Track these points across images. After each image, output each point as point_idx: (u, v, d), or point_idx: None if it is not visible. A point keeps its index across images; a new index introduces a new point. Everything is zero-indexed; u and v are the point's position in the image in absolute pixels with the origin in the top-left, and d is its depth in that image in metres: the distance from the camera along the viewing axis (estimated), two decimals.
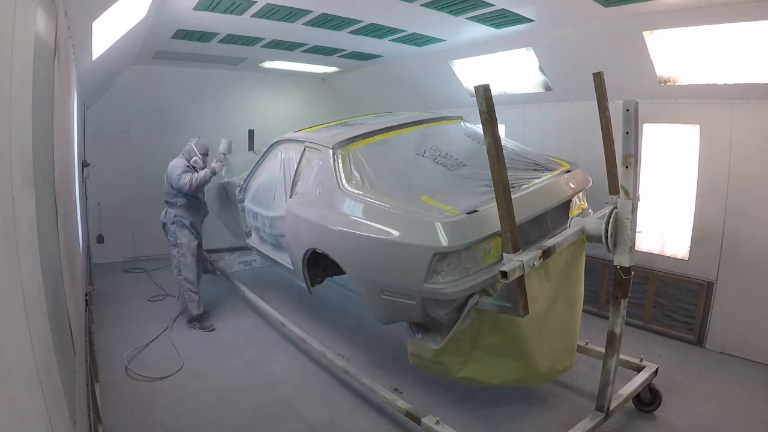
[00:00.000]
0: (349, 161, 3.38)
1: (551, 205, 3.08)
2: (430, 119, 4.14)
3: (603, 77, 2.73)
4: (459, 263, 2.61)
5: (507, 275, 2.19)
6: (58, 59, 2.05)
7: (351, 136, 3.60)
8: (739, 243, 3.90)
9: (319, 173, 3.51)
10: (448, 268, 2.59)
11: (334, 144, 3.49)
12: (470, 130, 4.03)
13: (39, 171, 1.38)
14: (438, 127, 4.04)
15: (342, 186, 3.21)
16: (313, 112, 7.62)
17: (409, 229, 2.68)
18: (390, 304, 2.88)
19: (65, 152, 2.72)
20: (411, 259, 2.64)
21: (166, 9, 3.90)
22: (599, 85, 2.74)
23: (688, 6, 3.42)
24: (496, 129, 2.28)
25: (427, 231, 2.59)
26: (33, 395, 1.04)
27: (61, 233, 1.98)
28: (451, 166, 3.32)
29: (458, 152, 3.52)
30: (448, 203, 2.79)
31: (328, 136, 3.72)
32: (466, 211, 2.69)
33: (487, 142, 2.26)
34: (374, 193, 3.05)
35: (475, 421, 3.07)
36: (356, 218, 3.00)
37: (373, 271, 2.93)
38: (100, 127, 6.17)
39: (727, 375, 3.66)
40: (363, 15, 4.22)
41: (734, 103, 3.82)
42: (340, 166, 3.34)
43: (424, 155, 3.46)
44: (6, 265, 0.92)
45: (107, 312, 4.80)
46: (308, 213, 3.43)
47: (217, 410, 3.19)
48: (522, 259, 2.27)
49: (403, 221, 2.74)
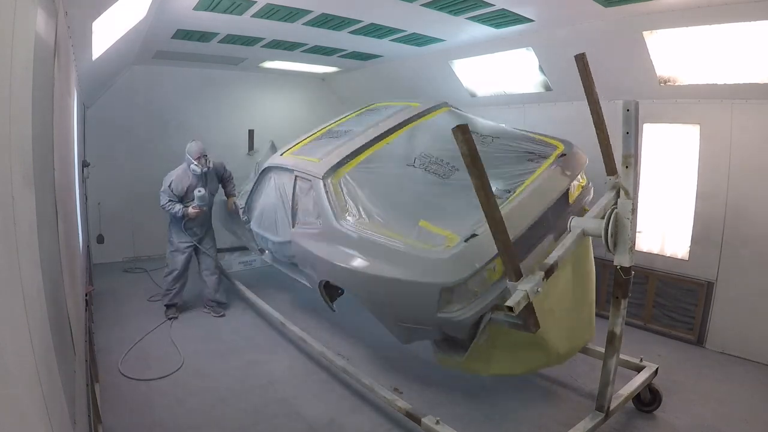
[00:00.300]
0: (342, 189, 3.34)
1: (550, 203, 3.05)
2: (415, 115, 4.03)
3: (586, 59, 2.65)
4: (467, 291, 2.63)
5: (513, 309, 2.21)
6: (58, 59, 2.05)
7: (338, 160, 3.51)
8: (739, 243, 3.90)
9: (316, 204, 3.47)
10: (457, 297, 2.61)
11: (323, 174, 3.42)
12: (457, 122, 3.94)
13: (39, 171, 1.38)
14: (424, 124, 3.93)
15: (340, 221, 3.18)
16: (313, 112, 7.62)
17: (414, 267, 2.69)
18: (408, 329, 2.99)
19: (65, 152, 2.72)
20: (420, 294, 2.69)
21: (166, 9, 3.90)
22: (582, 67, 2.66)
23: (688, 6, 3.42)
24: (483, 170, 2.15)
25: (432, 268, 2.62)
26: (33, 395, 1.04)
27: (61, 233, 1.98)
28: (443, 174, 3.28)
29: (448, 154, 3.46)
30: (446, 226, 2.79)
31: (316, 163, 3.62)
32: (465, 237, 2.67)
33: (475, 186, 2.16)
34: (372, 225, 3.03)
35: (475, 421, 3.07)
36: (361, 257, 3.00)
37: (386, 305, 3.02)
38: (100, 127, 6.16)
39: (727, 375, 3.66)
40: (363, 15, 4.22)
41: (734, 103, 3.82)
42: (334, 197, 3.30)
43: (415, 165, 3.40)
44: (6, 265, 0.92)
45: (107, 312, 4.79)
46: (314, 247, 3.40)
47: (217, 410, 3.19)
48: (526, 289, 2.27)
49: (407, 259, 2.75)
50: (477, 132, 3.63)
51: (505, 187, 3.02)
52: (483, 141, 3.56)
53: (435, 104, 4.24)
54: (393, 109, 4.29)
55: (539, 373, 3.67)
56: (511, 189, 2.97)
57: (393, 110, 4.24)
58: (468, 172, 2.15)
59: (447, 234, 2.74)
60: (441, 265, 2.59)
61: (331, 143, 3.91)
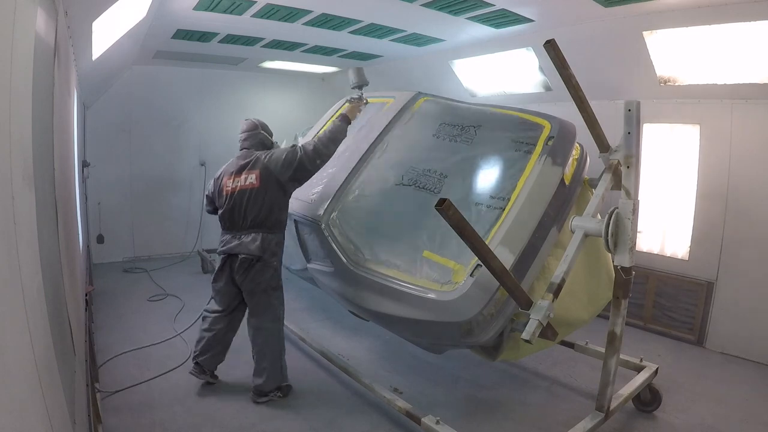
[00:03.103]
0: (343, 231, 3.25)
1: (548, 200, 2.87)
2: (393, 118, 3.81)
3: (556, 44, 2.55)
4: (485, 315, 2.61)
5: (531, 341, 2.27)
6: (58, 59, 2.05)
7: (331, 197, 3.36)
8: (739, 243, 3.90)
9: (321, 248, 3.37)
10: (476, 324, 2.61)
11: (322, 219, 3.28)
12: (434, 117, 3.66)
13: (39, 171, 1.38)
14: (404, 126, 3.74)
15: (349, 263, 3.13)
16: (313, 112, 7.60)
17: (430, 309, 2.70)
18: (438, 345, 3.05)
19: (65, 152, 2.72)
20: (442, 330, 2.72)
21: (166, 9, 3.90)
22: (555, 55, 2.52)
23: (688, 6, 3.42)
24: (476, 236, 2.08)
25: (447, 309, 2.63)
26: (33, 395, 1.04)
27: (61, 233, 1.98)
28: (433, 187, 3.18)
29: (434, 161, 3.33)
30: (449, 255, 2.78)
31: (310, 202, 3.46)
32: (470, 270, 2.62)
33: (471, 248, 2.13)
34: (380, 266, 3.00)
35: (475, 421, 3.07)
36: (378, 297, 2.98)
37: (410, 335, 3.10)
38: (100, 127, 6.16)
39: (727, 375, 3.66)
40: (363, 15, 4.22)
41: (734, 103, 3.82)
42: (338, 240, 3.21)
43: (404, 182, 3.30)
44: (6, 265, 0.92)
45: (107, 312, 4.79)
46: (333, 284, 3.36)
47: (217, 410, 3.19)
48: (538, 318, 2.29)
49: (421, 302, 2.74)
50: (458, 124, 3.48)
51: (499, 194, 2.93)
52: (466, 135, 3.39)
53: (410, 98, 3.97)
54: (368, 111, 4.00)
55: (539, 373, 3.67)
56: (505, 197, 2.87)
57: (368, 115, 4.00)
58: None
59: (452, 265, 2.74)
60: (454, 306, 2.61)
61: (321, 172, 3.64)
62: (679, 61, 3.93)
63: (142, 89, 6.49)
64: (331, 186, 3.47)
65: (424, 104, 3.91)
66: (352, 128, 3.66)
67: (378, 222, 3.24)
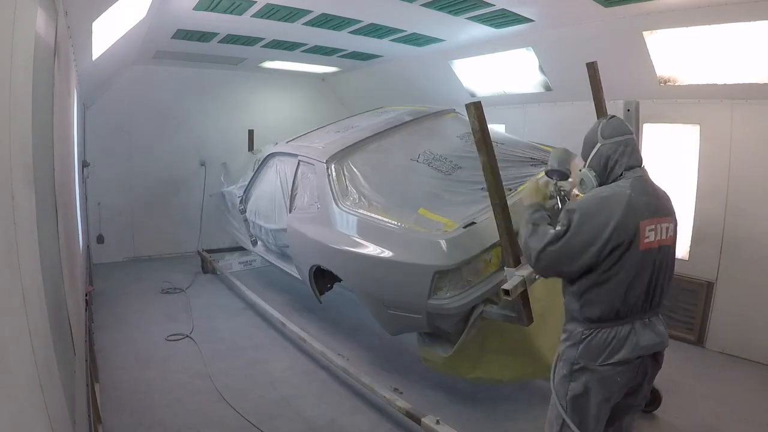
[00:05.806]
0: (344, 175, 3.37)
1: None
2: (422, 117, 4.09)
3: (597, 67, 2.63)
4: (461, 278, 2.61)
5: (509, 293, 2.19)
6: (58, 59, 2.05)
7: (343, 147, 3.57)
8: (739, 243, 3.90)
9: (316, 188, 3.51)
10: (450, 283, 2.58)
11: (327, 158, 3.47)
12: (463, 127, 3.96)
13: (39, 171, 1.38)
14: (431, 125, 3.98)
15: (339, 203, 3.21)
16: (313, 112, 7.62)
17: (409, 248, 2.68)
18: (396, 317, 2.93)
19: (65, 152, 2.72)
20: (413, 277, 2.66)
21: (166, 9, 3.90)
22: (593, 75, 2.65)
23: (688, 6, 3.42)
24: (491, 148, 2.22)
25: (427, 250, 2.60)
26: (33, 395, 1.04)
27: (61, 233, 1.98)
28: (446, 170, 3.30)
29: (452, 153, 3.50)
30: (445, 214, 2.78)
31: (321, 148, 3.69)
32: (464, 224, 2.66)
33: (482, 162, 2.22)
34: (371, 209, 3.05)
35: (474, 421, 3.06)
36: (356, 237, 3.01)
37: (376, 288, 2.98)
38: (100, 127, 6.16)
39: (727, 375, 3.66)
40: (363, 15, 4.22)
41: (734, 103, 3.82)
42: (335, 181, 3.33)
43: (419, 160, 3.43)
44: (6, 265, 0.92)
45: (107, 312, 4.79)
46: (310, 230, 3.43)
47: (217, 410, 3.19)
48: (524, 274, 2.26)
49: (402, 240, 2.74)
50: None
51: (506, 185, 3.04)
52: None
53: (442, 109, 4.29)
54: (401, 111, 4.34)
55: None
56: (512, 188, 2.95)
57: (401, 112, 4.30)
58: (476, 148, 2.22)
59: (445, 221, 2.73)
60: (436, 248, 2.56)
61: (336, 135, 3.96)
62: (679, 61, 3.93)
63: (142, 89, 6.49)
64: (343, 142, 3.68)
65: (453, 117, 4.20)
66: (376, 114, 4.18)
67: (381, 179, 3.32)
